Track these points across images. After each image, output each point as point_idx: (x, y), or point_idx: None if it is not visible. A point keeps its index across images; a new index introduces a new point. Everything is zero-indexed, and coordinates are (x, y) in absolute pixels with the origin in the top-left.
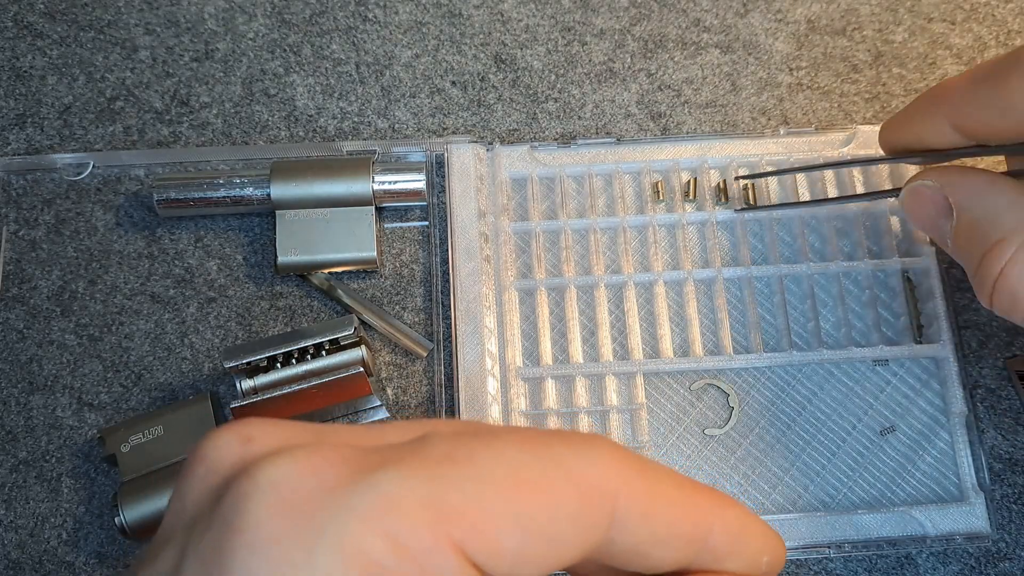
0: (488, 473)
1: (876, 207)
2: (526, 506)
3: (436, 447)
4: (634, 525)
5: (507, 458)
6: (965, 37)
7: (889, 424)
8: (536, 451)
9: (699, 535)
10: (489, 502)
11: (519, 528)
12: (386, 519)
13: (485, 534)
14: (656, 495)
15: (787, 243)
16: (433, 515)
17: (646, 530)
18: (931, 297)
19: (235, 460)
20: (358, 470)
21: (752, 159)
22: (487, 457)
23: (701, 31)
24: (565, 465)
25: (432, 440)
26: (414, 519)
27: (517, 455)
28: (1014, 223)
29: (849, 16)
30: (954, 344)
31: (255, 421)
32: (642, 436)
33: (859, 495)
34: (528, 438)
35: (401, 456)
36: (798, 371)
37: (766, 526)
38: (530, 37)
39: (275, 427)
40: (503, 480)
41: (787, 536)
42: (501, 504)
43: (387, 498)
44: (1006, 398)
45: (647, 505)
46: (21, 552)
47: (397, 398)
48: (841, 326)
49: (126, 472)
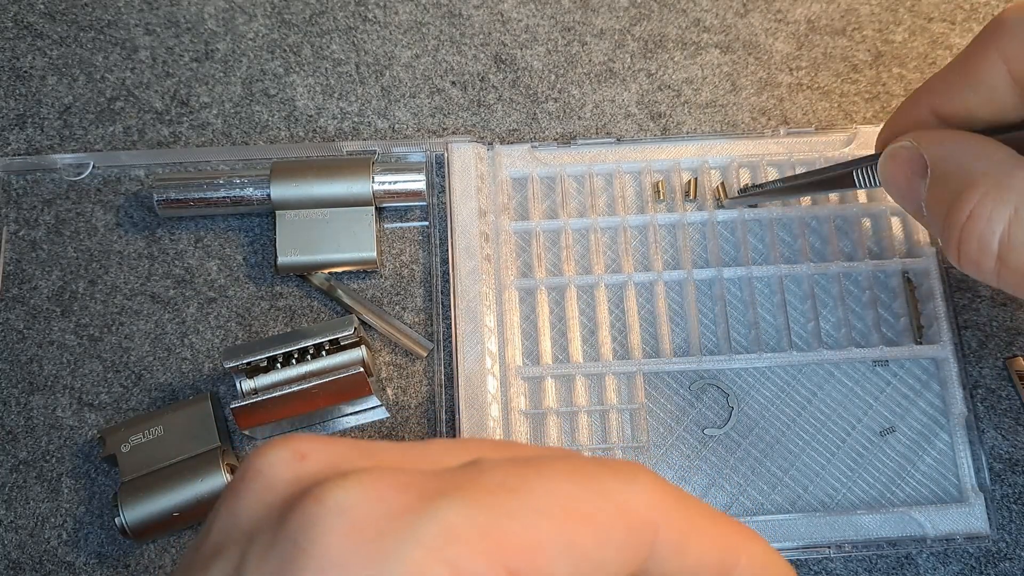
0: (544, 504)
1: (876, 207)
2: (578, 537)
3: (491, 475)
4: (669, 555)
5: (561, 490)
6: (965, 37)
7: (889, 425)
8: (587, 483)
9: (726, 567)
10: (544, 532)
11: (570, 558)
12: (448, 548)
13: (538, 564)
14: (691, 527)
15: (787, 243)
16: (491, 544)
17: (679, 561)
18: (931, 298)
19: (291, 477)
20: (420, 497)
21: (753, 159)
22: (541, 488)
23: (701, 31)
24: (614, 498)
25: (485, 468)
26: (473, 548)
27: (570, 487)
28: (984, 167)
29: (849, 16)
30: (954, 345)
31: (306, 437)
32: (642, 436)
33: (859, 495)
34: (577, 468)
35: (459, 484)
36: (798, 371)
37: (787, 565)
38: (530, 37)
39: (327, 444)
40: (558, 512)
41: (787, 536)
42: (555, 534)
43: (449, 527)
44: (1006, 398)
45: (682, 536)
46: (21, 552)
47: (397, 398)
48: (841, 326)
49: (126, 472)
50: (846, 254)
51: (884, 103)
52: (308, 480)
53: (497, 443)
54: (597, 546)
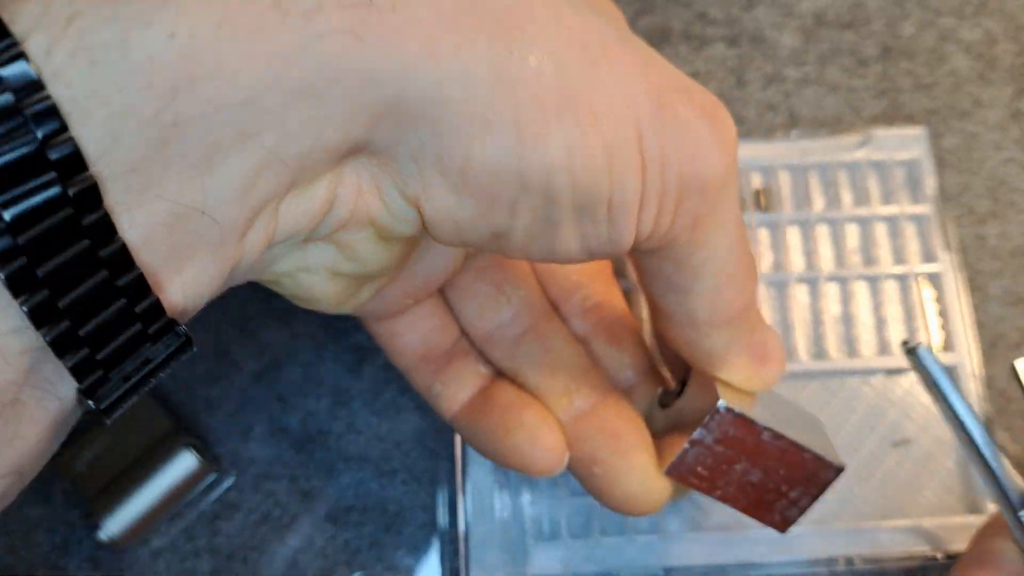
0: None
1: (891, 212)
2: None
3: None
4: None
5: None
6: (975, 31)
7: (903, 435)
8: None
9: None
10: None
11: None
12: None
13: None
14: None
15: (800, 248)
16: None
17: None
18: (948, 305)
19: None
20: None
21: (764, 162)
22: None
23: (706, 24)
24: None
25: None
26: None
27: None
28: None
29: (856, 10)
30: (971, 354)
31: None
32: None
33: (871, 507)
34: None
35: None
36: (810, 380)
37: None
38: None
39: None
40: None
41: (797, 549)
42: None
43: None
44: (1016, 400)
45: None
46: (13, 557)
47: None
48: (855, 334)
49: (90, 487)
50: (860, 260)
51: (892, 98)
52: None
53: None
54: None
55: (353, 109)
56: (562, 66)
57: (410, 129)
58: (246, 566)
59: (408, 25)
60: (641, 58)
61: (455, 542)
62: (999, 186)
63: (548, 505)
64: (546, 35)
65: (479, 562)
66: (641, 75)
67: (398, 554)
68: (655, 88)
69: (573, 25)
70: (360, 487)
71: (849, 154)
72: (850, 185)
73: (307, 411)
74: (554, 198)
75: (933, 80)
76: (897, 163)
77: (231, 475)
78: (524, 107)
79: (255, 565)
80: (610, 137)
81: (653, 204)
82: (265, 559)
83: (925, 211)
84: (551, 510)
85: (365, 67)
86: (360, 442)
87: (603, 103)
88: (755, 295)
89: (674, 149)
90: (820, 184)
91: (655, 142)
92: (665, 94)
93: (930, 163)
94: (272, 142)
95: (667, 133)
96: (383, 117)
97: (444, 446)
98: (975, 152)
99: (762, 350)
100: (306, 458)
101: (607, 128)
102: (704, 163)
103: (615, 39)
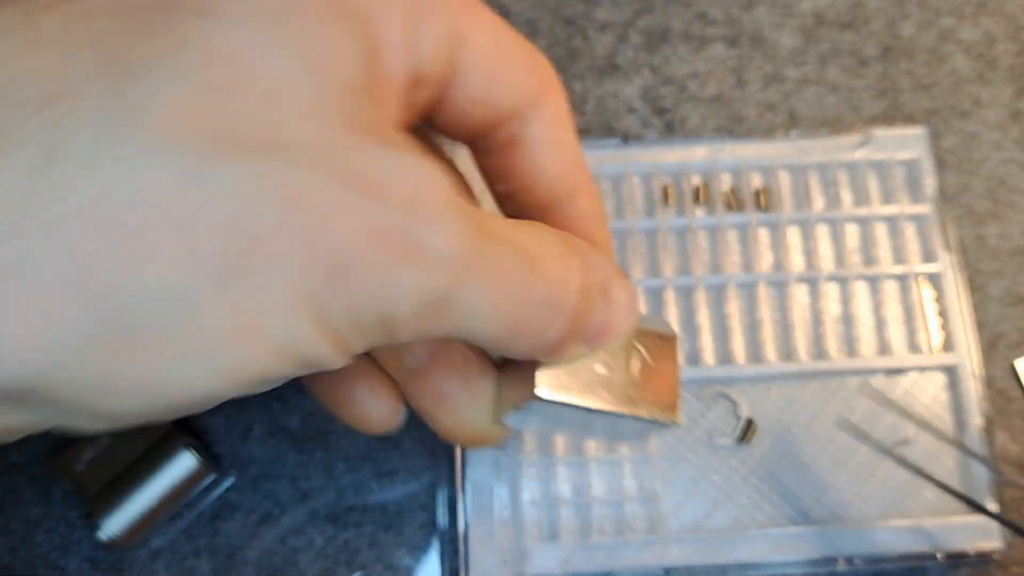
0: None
1: (891, 212)
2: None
3: None
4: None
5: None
6: (974, 31)
7: (903, 435)
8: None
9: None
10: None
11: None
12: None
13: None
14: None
15: (800, 249)
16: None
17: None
18: (948, 305)
19: None
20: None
21: (764, 162)
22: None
23: (706, 24)
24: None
25: None
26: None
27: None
28: None
29: (856, 10)
30: (971, 354)
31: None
32: (650, 446)
33: (871, 507)
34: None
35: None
36: (811, 380)
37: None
38: (531, 30)
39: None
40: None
41: (798, 549)
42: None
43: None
44: (1016, 400)
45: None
46: (13, 557)
47: None
48: (855, 334)
49: (89, 488)
50: (860, 260)
51: (892, 98)
52: None
53: None
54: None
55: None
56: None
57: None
58: (246, 566)
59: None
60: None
61: (455, 542)
62: (999, 186)
63: (547, 505)
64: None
65: (478, 562)
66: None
67: (398, 554)
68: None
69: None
70: (360, 487)
71: (849, 154)
72: (850, 185)
73: (307, 411)
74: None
75: (933, 80)
76: (897, 163)
77: (231, 475)
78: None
79: (255, 565)
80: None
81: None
82: (265, 559)
83: (925, 211)
84: (550, 510)
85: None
86: (360, 442)
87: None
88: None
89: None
90: (820, 184)
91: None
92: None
93: (930, 163)
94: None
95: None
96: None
97: (443, 446)
98: (975, 152)
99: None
100: (306, 458)
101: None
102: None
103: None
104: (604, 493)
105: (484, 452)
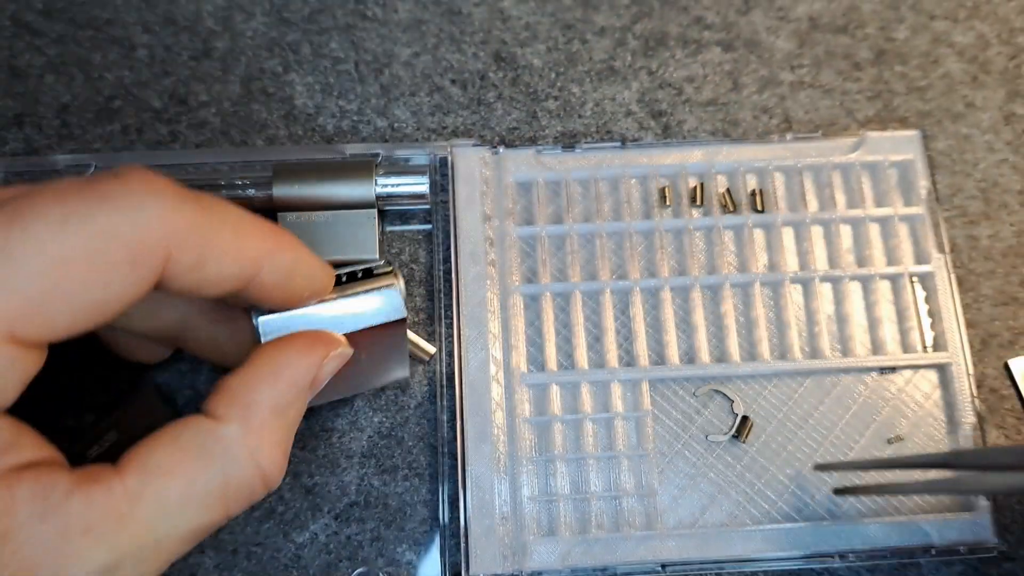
0: (25, 258)
1: (884, 213)
2: (74, 283)
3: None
4: (184, 272)
5: (51, 242)
6: (967, 35)
7: (896, 433)
8: (83, 228)
9: (247, 276)
10: (32, 291)
11: (70, 306)
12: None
13: (36, 320)
14: (208, 244)
15: (794, 249)
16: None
17: (196, 275)
18: (940, 304)
19: None
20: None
21: (759, 164)
22: (21, 239)
23: (702, 29)
24: (119, 235)
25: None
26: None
27: (63, 238)
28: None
29: (851, 14)
30: (963, 353)
31: None
32: (647, 443)
33: (865, 504)
34: (71, 212)
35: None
36: (805, 378)
37: (316, 266)
38: (530, 35)
39: None
40: (48, 266)
41: (793, 545)
42: (50, 288)
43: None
44: (1009, 398)
45: (198, 255)
46: None
47: (396, 398)
48: (848, 333)
49: None
50: (853, 260)
51: (886, 101)
52: None
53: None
54: (102, 287)
55: None
56: None
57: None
58: (250, 562)
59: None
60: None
61: (456, 537)
62: (991, 188)
63: (547, 501)
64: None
65: (479, 557)
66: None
67: (400, 549)
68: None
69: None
70: (362, 483)
71: (843, 156)
72: (844, 187)
73: (309, 409)
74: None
75: (926, 83)
76: (890, 165)
77: None
78: None
79: (259, 561)
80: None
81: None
82: (269, 555)
83: (918, 212)
84: (550, 506)
85: None
86: (363, 439)
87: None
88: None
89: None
90: (815, 186)
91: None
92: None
93: (923, 165)
94: None
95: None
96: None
97: (445, 443)
98: (967, 154)
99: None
100: (309, 455)
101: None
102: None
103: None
104: (602, 489)
105: (484, 450)
